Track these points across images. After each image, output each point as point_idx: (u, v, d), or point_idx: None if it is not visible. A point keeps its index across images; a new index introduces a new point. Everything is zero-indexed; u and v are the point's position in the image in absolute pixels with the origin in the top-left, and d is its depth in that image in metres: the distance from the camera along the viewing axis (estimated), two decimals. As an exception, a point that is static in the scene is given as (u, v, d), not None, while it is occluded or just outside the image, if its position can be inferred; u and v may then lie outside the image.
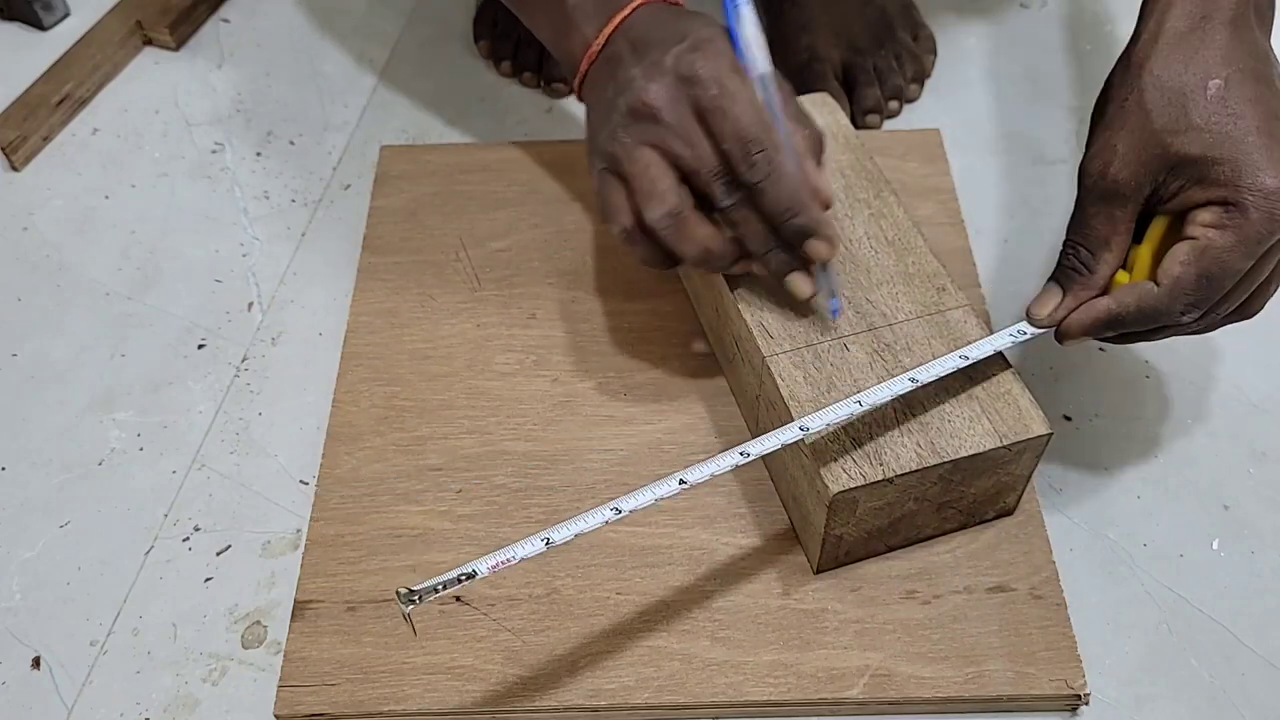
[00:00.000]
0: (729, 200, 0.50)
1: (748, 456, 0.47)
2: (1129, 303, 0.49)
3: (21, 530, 0.58)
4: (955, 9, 0.84)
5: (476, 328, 0.63)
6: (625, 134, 0.51)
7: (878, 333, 0.52)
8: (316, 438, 0.60)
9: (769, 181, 0.49)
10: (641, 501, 0.46)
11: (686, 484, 0.46)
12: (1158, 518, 0.57)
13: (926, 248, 0.56)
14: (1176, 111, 0.47)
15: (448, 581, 0.43)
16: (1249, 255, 0.46)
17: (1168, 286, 0.47)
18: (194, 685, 0.52)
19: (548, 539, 0.45)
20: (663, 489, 0.46)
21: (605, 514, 0.45)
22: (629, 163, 0.51)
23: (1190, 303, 0.47)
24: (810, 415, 0.48)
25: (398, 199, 0.70)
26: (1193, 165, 0.47)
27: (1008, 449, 0.49)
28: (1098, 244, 0.50)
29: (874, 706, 0.50)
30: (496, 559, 0.44)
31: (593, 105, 0.55)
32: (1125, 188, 0.49)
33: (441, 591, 0.43)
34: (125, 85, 0.80)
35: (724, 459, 0.47)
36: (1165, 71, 0.48)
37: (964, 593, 0.52)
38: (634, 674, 0.51)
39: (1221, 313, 0.49)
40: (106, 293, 0.68)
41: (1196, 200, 0.47)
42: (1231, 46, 0.48)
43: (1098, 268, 0.50)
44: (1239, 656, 0.52)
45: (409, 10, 0.85)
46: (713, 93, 0.49)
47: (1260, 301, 0.50)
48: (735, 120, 0.49)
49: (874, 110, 0.74)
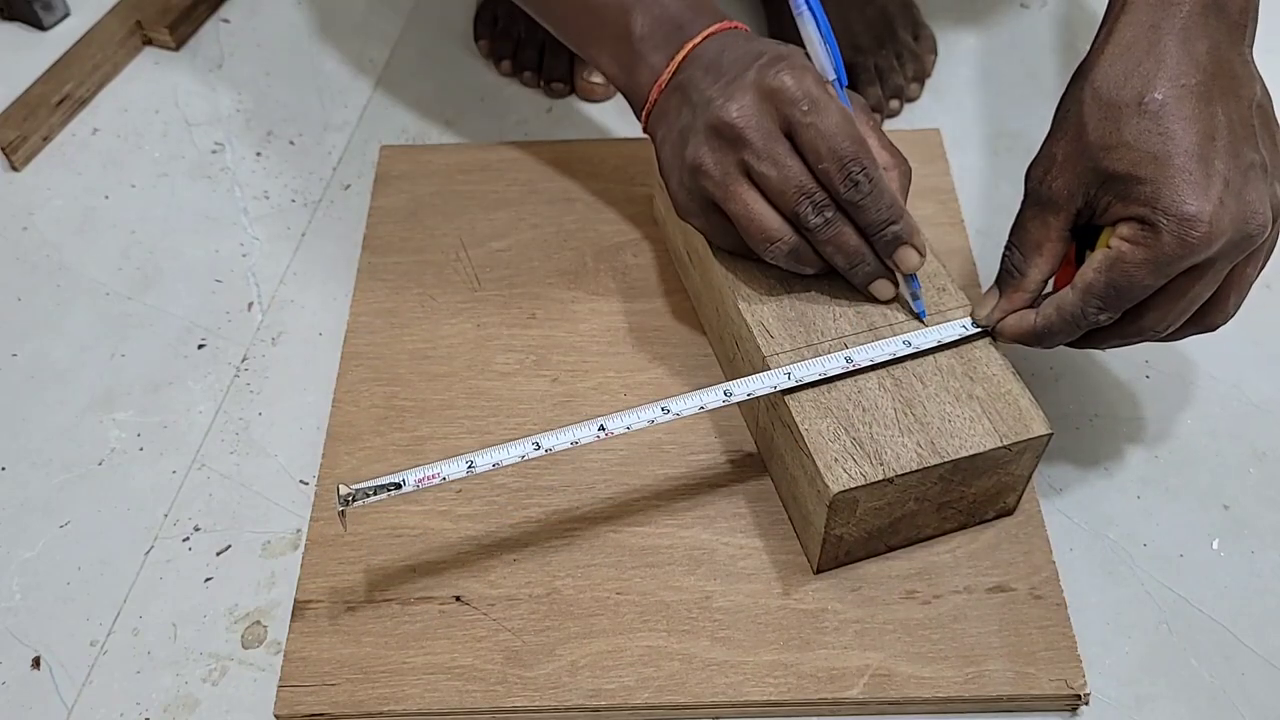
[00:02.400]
0: (818, 219, 0.50)
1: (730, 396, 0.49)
2: (1050, 313, 0.50)
3: (21, 530, 0.58)
4: (955, 9, 0.84)
5: (476, 328, 0.63)
6: (714, 164, 0.50)
7: (877, 333, 0.52)
8: (316, 438, 0.60)
9: (869, 199, 0.49)
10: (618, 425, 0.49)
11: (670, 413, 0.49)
12: (1158, 518, 0.57)
13: (926, 247, 0.56)
14: (1110, 126, 0.47)
15: (376, 488, 0.48)
16: (1158, 274, 0.46)
17: (1080, 290, 0.48)
18: (194, 685, 0.52)
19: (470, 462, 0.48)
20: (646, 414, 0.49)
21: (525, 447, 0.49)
22: (727, 201, 0.50)
23: (1099, 307, 0.48)
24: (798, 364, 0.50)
25: (398, 199, 0.70)
26: (1118, 181, 0.46)
27: (1008, 449, 0.49)
28: (1030, 249, 0.51)
29: (874, 706, 0.50)
30: (423, 473, 0.48)
31: (664, 137, 0.54)
32: (1059, 196, 0.49)
33: (370, 498, 0.47)
34: (125, 85, 0.80)
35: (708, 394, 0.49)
36: (1105, 83, 0.47)
37: (964, 593, 0.52)
38: (634, 674, 0.51)
39: (1160, 326, 0.49)
40: (106, 293, 0.68)
41: (1119, 215, 0.47)
42: (1178, 59, 0.46)
43: (1029, 271, 0.51)
44: (1239, 656, 0.52)
45: (409, 10, 0.85)
46: (803, 108, 0.48)
47: (1219, 316, 0.50)
48: (830, 138, 0.48)
49: (874, 110, 0.74)
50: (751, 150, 0.49)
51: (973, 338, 0.52)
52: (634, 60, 0.55)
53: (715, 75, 0.51)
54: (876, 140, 0.52)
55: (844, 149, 0.48)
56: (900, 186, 0.52)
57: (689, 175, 0.51)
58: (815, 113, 0.48)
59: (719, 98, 0.50)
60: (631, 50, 0.55)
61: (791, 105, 0.48)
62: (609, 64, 0.57)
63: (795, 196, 0.49)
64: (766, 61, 0.49)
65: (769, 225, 0.50)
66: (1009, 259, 0.52)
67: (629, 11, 0.55)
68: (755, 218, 0.50)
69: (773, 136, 0.49)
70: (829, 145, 0.48)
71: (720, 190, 0.50)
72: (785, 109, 0.48)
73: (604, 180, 0.70)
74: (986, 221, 0.69)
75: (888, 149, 0.52)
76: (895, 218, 0.50)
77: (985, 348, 0.52)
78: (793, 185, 0.49)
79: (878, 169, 0.49)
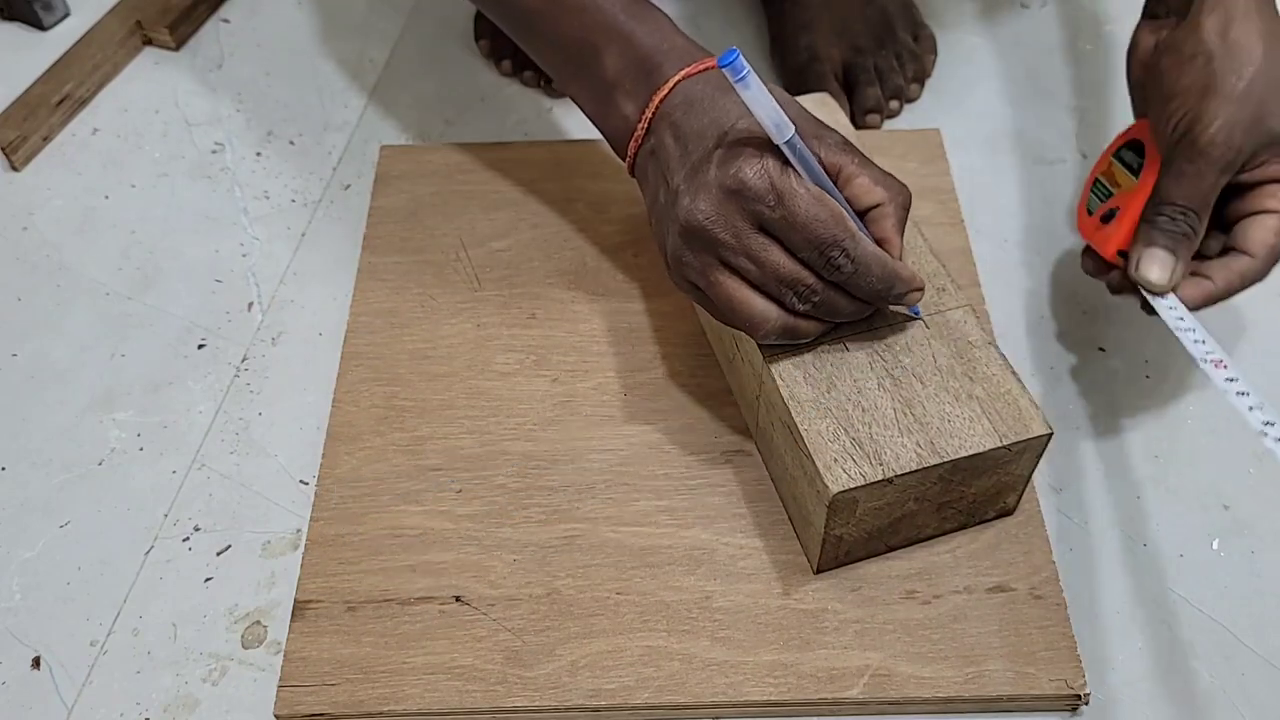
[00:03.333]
0: (805, 305, 0.49)
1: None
2: (1233, 279, 0.52)
3: (21, 530, 0.58)
4: (955, 9, 0.84)
5: (476, 328, 0.63)
6: (692, 258, 0.49)
7: (878, 333, 0.52)
8: (316, 438, 0.60)
9: (856, 275, 0.48)
10: None
11: None
12: (1158, 518, 0.57)
13: (927, 248, 0.56)
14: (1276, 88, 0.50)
15: None
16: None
17: (1264, 257, 0.52)
18: (194, 685, 0.52)
19: None
20: None
21: None
22: (709, 291, 0.49)
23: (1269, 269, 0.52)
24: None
25: (398, 199, 0.70)
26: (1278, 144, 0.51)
27: (1008, 449, 0.49)
28: (1206, 210, 0.52)
29: (874, 706, 0.50)
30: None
31: (649, 203, 0.53)
32: (1240, 156, 0.51)
33: None
34: (125, 85, 0.80)
35: None
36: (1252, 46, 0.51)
37: (964, 593, 0.52)
38: (634, 674, 0.51)
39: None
40: (106, 293, 0.68)
41: (1274, 175, 0.51)
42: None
43: (1200, 229, 0.52)
44: (1239, 656, 0.52)
45: (409, 10, 0.85)
46: (769, 203, 0.47)
47: None
48: (803, 228, 0.46)
49: (874, 110, 0.74)
50: (727, 248, 0.48)
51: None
52: (608, 107, 0.54)
53: (683, 150, 0.50)
54: (866, 178, 0.49)
55: (818, 235, 0.46)
56: (896, 221, 0.50)
57: (672, 263, 0.51)
58: (782, 204, 0.46)
59: (686, 196, 0.48)
60: (605, 95, 0.54)
61: (756, 202, 0.47)
62: (586, 104, 0.56)
63: (778, 288, 0.48)
64: (725, 153, 0.48)
65: (754, 313, 0.49)
66: (1184, 220, 0.51)
67: (600, 52, 0.54)
68: (738, 308, 0.49)
69: (744, 233, 0.48)
70: (802, 236, 0.47)
71: (702, 281, 0.50)
72: (751, 206, 0.47)
73: (604, 180, 0.70)
74: (986, 221, 0.69)
75: (880, 182, 0.49)
76: (887, 285, 0.49)
77: (985, 348, 0.52)
78: (773, 277, 0.48)
79: (859, 244, 0.47)
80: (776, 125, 0.46)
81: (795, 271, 0.48)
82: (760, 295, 0.49)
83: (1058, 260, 0.67)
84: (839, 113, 0.63)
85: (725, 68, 0.44)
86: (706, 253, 0.49)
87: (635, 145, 0.53)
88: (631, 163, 0.55)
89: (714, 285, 0.49)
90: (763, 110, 0.46)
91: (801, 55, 0.75)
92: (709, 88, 0.51)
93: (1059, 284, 0.66)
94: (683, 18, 0.83)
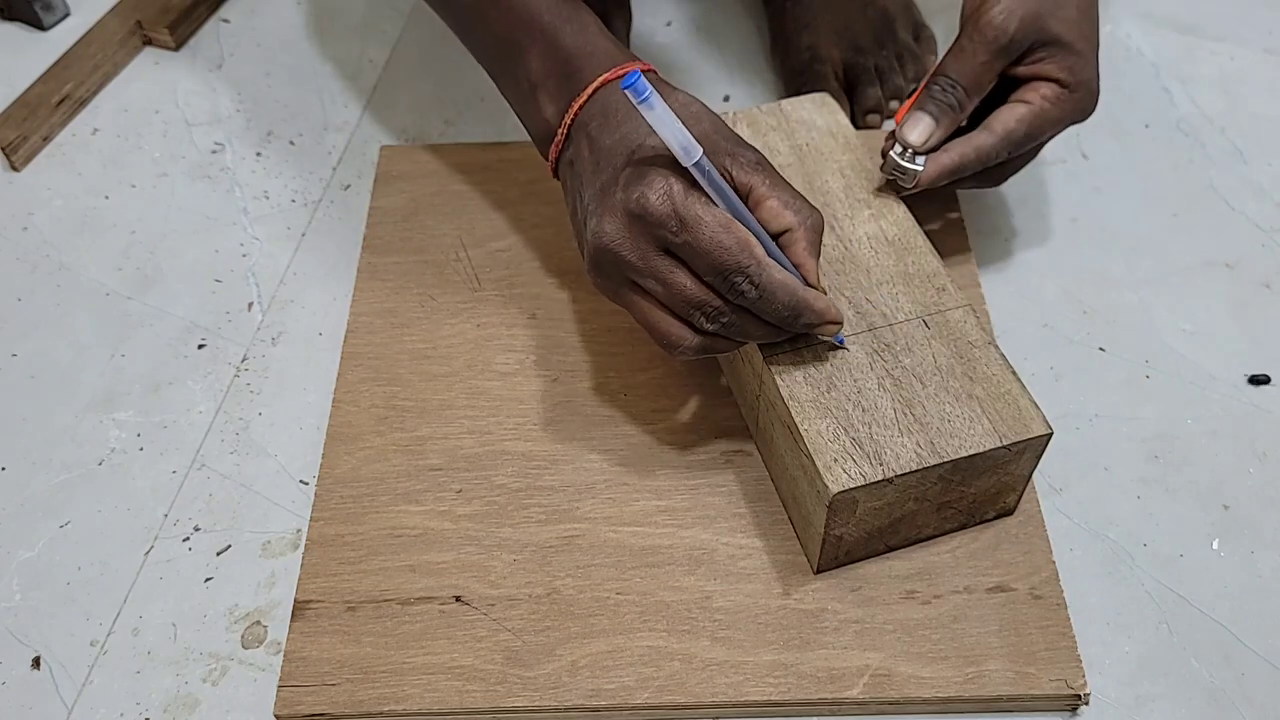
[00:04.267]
0: (714, 326, 0.48)
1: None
2: (968, 153, 0.56)
3: (21, 530, 0.58)
4: (956, 9, 0.83)
5: (476, 328, 0.63)
6: (604, 279, 0.50)
7: (878, 333, 0.52)
8: (316, 438, 0.60)
9: (762, 301, 0.47)
10: None
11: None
12: (1158, 518, 0.57)
13: (927, 248, 0.56)
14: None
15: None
16: (1058, 130, 0.57)
17: (1001, 136, 0.56)
18: (194, 685, 0.52)
19: None
20: None
21: None
22: (627, 308, 0.50)
23: (1009, 152, 0.56)
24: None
25: (398, 199, 0.70)
26: (1056, 45, 0.55)
27: (1008, 449, 0.49)
28: (975, 89, 0.56)
29: (874, 706, 0.50)
30: None
31: (569, 203, 0.54)
32: (1018, 47, 0.55)
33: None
34: (125, 85, 0.80)
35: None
36: None
37: (964, 593, 0.52)
38: (634, 674, 0.51)
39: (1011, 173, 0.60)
40: (106, 293, 0.68)
41: (1046, 73, 0.56)
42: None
43: (966, 108, 0.56)
44: (1239, 656, 0.52)
45: (409, 10, 0.85)
46: (671, 229, 0.46)
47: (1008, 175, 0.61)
48: (705, 254, 0.46)
49: (874, 110, 0.74)
50: (634, 270, 0.48)
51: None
52: (532, 107, 0.54)
53: (595, 166, 0.50)
54: (776, 200, 0.49)
55: (721, 262, 0.46)
56: (808, 245, 0.49)
57: (590, 278, 0.51)
58: (685, 230, 0.46)
59: (593, 217, 0.49)
60: (529, 96, 0.54)
61: (659, 227, 0.46)
62: (513, 103, 0.57)
63: (685, 309, 0.48)
64: (630, 174, 0.47)
65: (669, 332, 0.49)
66: (953, 93, 0.56)
67: (524, 51, 0.54)
68: (652, 326, 0.49)
69: (650, 256, 0.47)
70: (705, 262, 0.46)
71: (616, 300, 0.50)
72: (655, 231, 0.47)
73: (604, 180, 0.70)
74: (986, 221, 0.69)
75: (789, 205, 0.49)
76: (794, 314, 0.48)
77: (985, 348, 0.52)
78: (679, 300, 0.48)
79: (764, 270, 0.46)
80: (684, 148, 0.45)
81: (701, 294, 0.47)
82: (672, 315, 0.49)
83: (1058, 260, 0.67)
84: (839, 113, 0.63)
85: (627, 89, 0.43)
86: (616, 273, 0.49)
87: (556, 150, 0.54)
88: (553, 167, 0.55)
89: (628, 305, 0.50)
90: (668, 132, 0.45)
91: (802, 55, 0.75)
92: (622, 107, 0.51)
93: (1059, 284, 0.66)
94: (684, 18, 0.83)
